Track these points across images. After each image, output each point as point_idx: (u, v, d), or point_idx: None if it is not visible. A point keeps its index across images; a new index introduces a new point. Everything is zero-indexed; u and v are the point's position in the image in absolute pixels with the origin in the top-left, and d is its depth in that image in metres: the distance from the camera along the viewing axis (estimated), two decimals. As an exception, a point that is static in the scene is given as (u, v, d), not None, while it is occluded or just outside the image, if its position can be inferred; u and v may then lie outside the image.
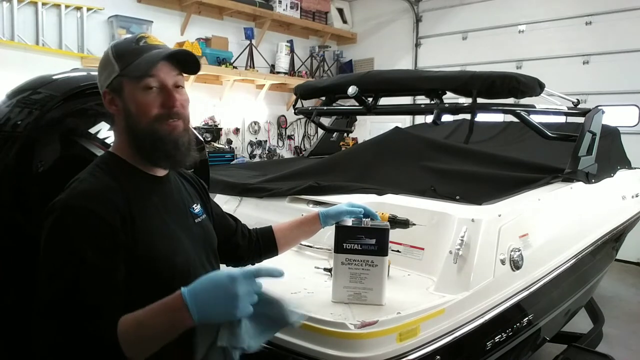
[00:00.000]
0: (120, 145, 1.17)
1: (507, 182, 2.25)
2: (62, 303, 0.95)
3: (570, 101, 3.03)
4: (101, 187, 1.06)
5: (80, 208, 1.01)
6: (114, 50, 1.14)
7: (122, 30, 5.21)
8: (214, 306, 0.92)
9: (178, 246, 1.14)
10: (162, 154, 1.12)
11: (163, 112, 1.11)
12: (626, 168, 3.39)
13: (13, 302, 1.27)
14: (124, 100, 1.11)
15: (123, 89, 1.11)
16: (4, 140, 1.32)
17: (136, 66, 1.09)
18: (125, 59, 1.11)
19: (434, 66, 6.52)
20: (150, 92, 1.10)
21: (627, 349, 3.36)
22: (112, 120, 1.18)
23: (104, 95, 1.14)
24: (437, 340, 1.43)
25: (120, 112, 1.13)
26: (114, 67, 1.11)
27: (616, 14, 5.51)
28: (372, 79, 2.74)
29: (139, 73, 1.09)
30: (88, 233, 0.99)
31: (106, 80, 1.13)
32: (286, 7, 6.89)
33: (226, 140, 6.53)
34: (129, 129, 1.12)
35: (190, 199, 1.29)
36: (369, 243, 1.42)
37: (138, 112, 1.10)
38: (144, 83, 1.09)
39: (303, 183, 2.16)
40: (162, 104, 1.11)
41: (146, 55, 1.10)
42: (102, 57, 1.17)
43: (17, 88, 1.43)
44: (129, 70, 1.10)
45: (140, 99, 1.10)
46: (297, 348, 1.34)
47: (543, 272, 1.93)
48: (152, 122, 1.10)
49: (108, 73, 1.13)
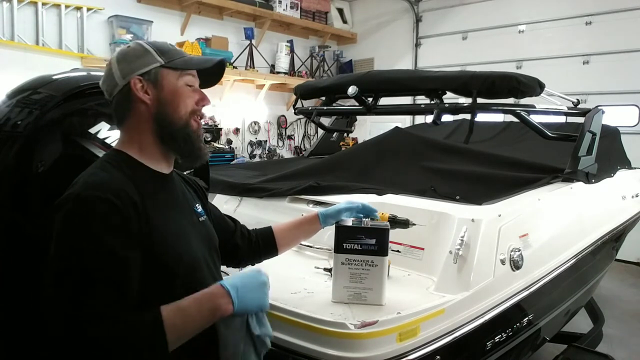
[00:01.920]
0: (130, 141, 1.17)
1: (507, 182, 2.25)
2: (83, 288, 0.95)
3: (570, 101, 3.03)
4: (114, 179, 1.07)
5: (94, 197, 1.01)
6: (150, 45, 1.19)
7: (122, 30, 5.22)
8: (252, 294, 1.06)
9: (187, 241, 1.16)
10: (191, 146, 1.20)
11: (197, 108, 1.21)
12: (626, 168, 3.39)
13: (13, 302, 1.27)
14: (161, 89, 1.16)
15: (162, 80, 1.16)
16: (4, 140, 1.31)
17: (185, 62, 1.19)
18: (169, 54, 1.19)
19: (434, 66, 6.52)
20: (189, 88, 1.20)
21: (627, 349, 3.37)
22: (127, 110, 1.17)
23: (134, 82, 1.15)
24: (437, 340, 1.43)
25: (152, 100, 1.16)
26: (154, 58, 1.17)
27: (616, 14, 5.51)
28: (372, 79, 2.74)
29: (187, 67, 1.19)
30: (104, 220, 1.00)
31: (141, 68, 1.15)
32: (286, 7, 6.89)
33: (226, 140, 6.53)
34: (161, 117, 1.16)
35: (193, 198, 1.32)
36: (369, 243, 1.42)
37: (178, 102, 1.17)
38: (185, 79, 1.19)
39: (303, 183, 2.17)
40: (197, 101, 1.21)
41: (193, 56, 1.25)
42: (126, 50, 1.19)
43: (17, 88, 1.43)
44: (175, 63, 1.18)
45: (182, 91, 1.18)
46: (297, 348, 1.34)
47: (543, 272, 1.93)
48: (189, 115, 1.19)
49: (143, 62, 1.16)
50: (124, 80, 1.15)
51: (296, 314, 1.37)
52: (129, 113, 1.17)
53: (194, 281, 1.12)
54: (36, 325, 1.21)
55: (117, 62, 1.17)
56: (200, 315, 1.01)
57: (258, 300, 1.07)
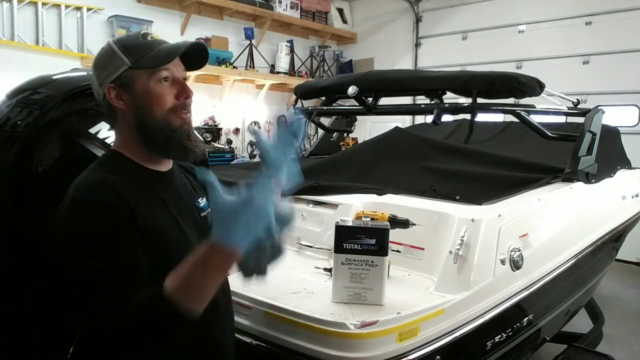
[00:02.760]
0: (123, 143, 1.16)
1: (507, 182, 2.25)
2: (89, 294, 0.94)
3: (570, 101, 3.03)
4: (107, 181, 1.05)
5: (89, 200, 1.00)
6: (119, 45, 1.12)
7: (122, 30, 5.21)
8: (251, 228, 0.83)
9: (186, 240, 1.14)
10: (177, 145, 1.13)
11: (177, 103, 1.13)
12: (626, 168, 3.38)
13: (13, 302, 1.27)
14: (134, 93, 1.10)
15: (133, 82, 1.10)
16: (4, 140, 1.31)
17: (153, 58, 1.10)
18: (136, 53, 1.10)
19: (434, 66, 6.51)
20: (164, 84, 1.11)
21: (627, 349, 3.37)
22: (114, 117, 1.15)
23: (108, 90, 1.11)
24: (437, 340, 1.43)
25: (128, 106, 1.11)
26: (122, 60, 1.10)
27: (616, 14, 5.51)
28: (372, 79, 2.75)
29: (156, 64, 1.09)
30: (101, 222, 0.98)
31: (111, 75, 1.11)
32: (286, 7, 6.89)
33: (226, 140, 6.53)
34: (139, 122, 1.11)
35: (196, 192, 1.28)
36: (369, 243, 1.42)
37: (152, 103, 1.10)
38: (158, 75, 1.10)
39: (303, 183, 2.16)
40: (177, 96, 1.13)
41: (162, 48, 1.12)
42: (100, 54, 1.15)
43: (17, 88, 1.43)
44: (142, 62, 1.10)
45: (155, 90, 1.10)
46: (297, 348, 1.34)
47: (543, 272, 1.93)
48: (167, 114, 1.11)
49: (114, 67, 1.11)
50: (101, 89, 1.12)
51: (296, 314, 1.37)
52: (114, 119, 1.15)
53: None
54: (36, 325, 1.21)
55: (94, 69, 1.15)
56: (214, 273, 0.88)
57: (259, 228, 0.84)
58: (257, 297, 1.47)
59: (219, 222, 0.84)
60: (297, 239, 1.99)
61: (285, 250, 0.91)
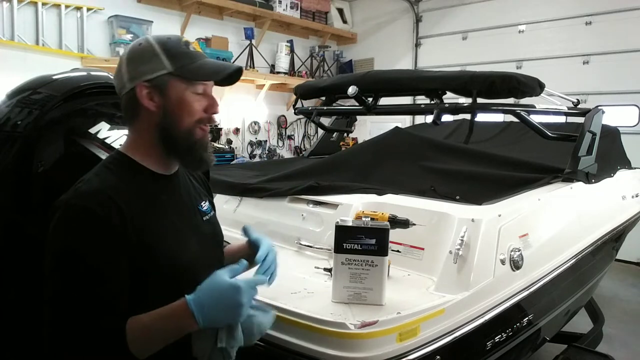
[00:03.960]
0: (134, 143, 1.16)
1: (507, 182, 2.25)
2: (63, 301, 0.97)
3: (570, 101, 3.03)
4: (103, 187, 1.05)
5: (79, 207, 1.01)
6: (162, 47, 1.11)
7: (122, 30, 5.22)
8: (219, 314, 1.00)
9: (184, 246, 1.14)
10: (196, 156, 1.16)
11: (205, 116, 1.16)
12: (626, 168, 3.38)
13: (13, 302, 1.27)
14: (167, 98, 1.11)
15: (168, 87, 1.11)
16: (4, 140, 1.32)
17: (197, 70, 1.12)
18: (179, 60, 1.11)
19: (434, 66, 6.52)
20: (198, 96, 1.14)
21: (627, 349, 3.37)
22: (136, 114, 1.13)
23: (140, 88, 1.10)
24: (437, 340, 1.43)
25: (158, 108, 1.11)
26: (163, 64, 1.10)
27: (616, 14, 5.51)
28: (372, 79, 2.74)
29: (200, 78, 1.13)
30: (88, 232, 1.00)
31: (147, 74, 1.10)
32: (286, 7, 6.89)
33: (226, 140, 6.53)
34: (165, 127, 1.12)
35: (199, 196, 1.29)
36: (369, 243, 1.42)
37: (183, 112, 1.12)
38: (196, 87, 1.13)
39: (303, 183, 2.16)
40: (206, 109, 1.16)
41: (207, 62, 1.15)
42: (136, 49, 1.13)
43: (17, 88, 1.43)
44: (185, 72, 1.11)
45: (189, 100, 1.13)
46: (297, 348, 1.34)
47: (543, 272, 1.93)
48: (194, 125, 1.14)
49: (152, 67, 1.10)
50: (130, 84, 1.11)
51: (296, 314, 1.37)
52: (135, 116, 1.14)
53: (193, 286, 1.10)
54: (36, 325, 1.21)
55: (127, 62, 1.13)
56: (167, 331, 1.00)
57: (227, 319, 1.01)
58: (257, 297, 1.46)
59: (203, 294, 0.99)
60: (297, 239, 1.99)
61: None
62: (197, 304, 0.98)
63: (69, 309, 0.97)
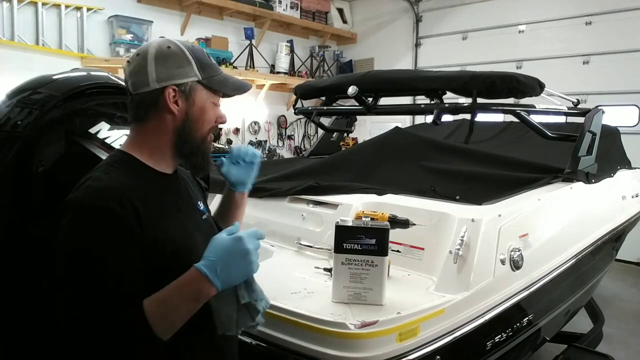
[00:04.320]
0: (140, 144, 1.16)
1: (507, 182, 2.25)
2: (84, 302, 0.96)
3: (570, 101, 3.03)
4: (115, 184, 1.05)
5: (95, 206, 1.01)
6: (193, 55, 1.16)
7: (122, 30, 5.22)
8: (233, 269, 1.01)
9: (192, 242, 1.15)
10: (202, 161, 1.21)
11: (214, 126, 1.23)
12: (626, 168, 3.39)
13: (13, 302, 1.27)
14: (191, 104, 1.15)
15: (194, 94, 1.16)
16: (4, 140, 1.31)
17: (223, 84, 1.21)
18: (207, 70, 1.18)
19: (434, 66, 6.52)
20: (214, 107, 1.22)
21: (627, 349, 3.37)
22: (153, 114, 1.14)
23: (169, 91, 1.11)
24: (437, 340, 1.43)
25: (181, 113, 1.14)
26: (194, 71, 1.15)
27: (616, 14, 5.51)
28: (372, 79, 2.74)
29: (226, 91, 1.22)
30: (104, 230, 1.00)
31: (178, 78, 1.13)
32: (286, 7, 6.89)
33: (226, 140, 6.53)
34: (183, 131, 1.16)
35: (196, 195, 1.31)
36: (369, 243, 1.42)
37: (202, 119, 1.18)
38: (216, 98, 1.21)
39: (303, 183, 2.16)
40: (216, 119, 1.23)
41: (229, 77, 1.24)
42: (166, 51, 1.13)
43: (17, 88, 1.43)
44: (212, 82, 1.18)
45: (208, 108, 1.19)
46: (297, 348, 1.34)
47: (543, 272, 1.93)
48: (207, 133, 1.21)
49: (183, 73, 1.13)
50: (157, 85, 1.11)
51: (296, 314, 1.37)
52: (152, 116, 1.14)
53: None
54: (37, 325, 1.21)
55: (155, 62, 1.12)
56: (185, 302, 0.99)
57: (241, 272, 1.02)
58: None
59: (211, 257, 1.00)
60: (297, 239, 1.99)
61: (259, 322, 1.08)
62: (209, 267, 0.99)
63: (90, 309, 0.96)
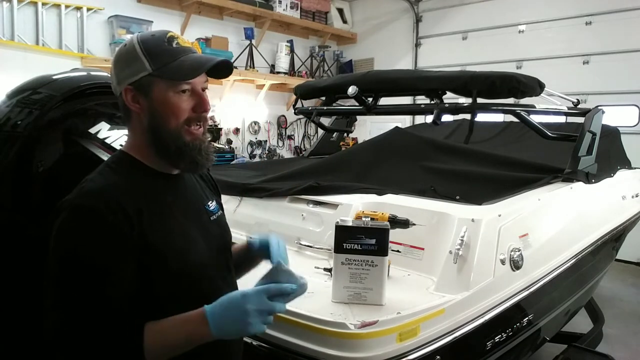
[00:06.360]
0: (134, 144, 1.14)
1: (507, 182, 2.26)
2: (70, 306, 0.95)
3: (570, 101, 3.03)
4: (108, 186, 1.04)
5: (85, 208, 1.00)
6: (142, 47, 1.08)
7: (122, 30, 5.22)
8: (229, 323, 0.99)
9: (192, 246, 1.13)
10: (187, 158, 1.12)
11: (194, 115, 1.11)
12: (626, 168, 3.39)
13: (14, 302, 1.27)
14: (151, 100, 1.08)
15: (152, 88, 1.08)
16: (4, 140, 1.31)
17: (176, 69, 1.07)
18: (159, 59, 1.07)
19: (434, 66, 6.51)
20: (183, 95, 1.09)
21: (627, 349, 3.37)
22: (128, 117, 1.13)
23: (126, 91, 1.09)
24: (437, 340, 1.43)
25: (143, 111, 1.09)
26: (143, 64, 1.07)
27: (616, 14, 5.51)
28: (372, 79, 2.74)
29: (179, 77, 1.07)
30: (94, 234, 0.99)
31: (131, 77, 1.08)
32: (286, 7, 6.89)
33: (226, 140, 6.53)
34: (152, 129, 1.09)
35: (206, 196, 1.27)
36: (369, 243, 1.42)
37: (168, 113, 1.08)
38: (178, 87, 1.08)
39: (303, 183, 2.16)
40: (194, 108, 1.11)
41: (187, 59, 1.09)
42: (122, 52, 1.11)
43: (17, 88, 1.43)
44: (165, 71, 1.07)
45: (173, 101, 1.08)
46: (297, 348, 1.34)
47: (543, 272, 1.93)
48: (182, 126, 1.10)
49: (134, 70, 1.08)
50: (119, 88, 1.10)
51: (296, 314, 1.37)
52: (128, 118, 1.13)
53: (203, 287, 1.11)
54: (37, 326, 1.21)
55: (114, 65, 1.12)
56: (182, 339, 1.00)
57: (236, 329, 1.00)
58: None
59: (218, 304, 1.00)
60: (297, 239, 1.99)
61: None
62: (211, 313, 0.99)
63: (77, 313, 0.95)
